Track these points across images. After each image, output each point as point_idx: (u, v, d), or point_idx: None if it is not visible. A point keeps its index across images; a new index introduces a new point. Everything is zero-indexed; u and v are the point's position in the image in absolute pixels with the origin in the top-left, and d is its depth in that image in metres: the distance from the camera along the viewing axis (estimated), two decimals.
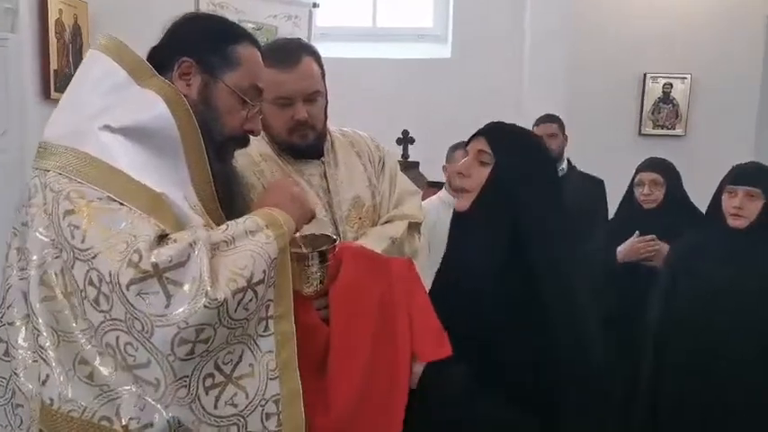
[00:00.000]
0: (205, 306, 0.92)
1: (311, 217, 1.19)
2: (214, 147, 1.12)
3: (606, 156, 3.54)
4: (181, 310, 0.91)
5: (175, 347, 0.91)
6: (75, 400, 0.96)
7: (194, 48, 1.11)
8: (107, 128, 1.01)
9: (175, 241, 0.95)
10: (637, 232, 2.32)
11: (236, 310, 0.96)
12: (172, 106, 1.05)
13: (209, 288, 0.92)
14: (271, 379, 1.01)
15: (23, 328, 1.01)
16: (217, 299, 0.93)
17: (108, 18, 3.60)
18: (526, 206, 1.20)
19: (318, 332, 1.16)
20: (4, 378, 1.04)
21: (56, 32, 3.38)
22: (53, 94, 3.33)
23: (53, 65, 3.36)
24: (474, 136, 1.30)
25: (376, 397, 1.15)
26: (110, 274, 0.91)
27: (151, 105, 1.04)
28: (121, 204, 0.96)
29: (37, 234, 0.99)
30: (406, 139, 3.51)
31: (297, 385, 1.03)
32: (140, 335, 0.92)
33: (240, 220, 1.04)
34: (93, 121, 1.02)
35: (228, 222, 1.04)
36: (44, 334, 0.98)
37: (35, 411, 0.99)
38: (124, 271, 0.91)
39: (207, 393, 0.96)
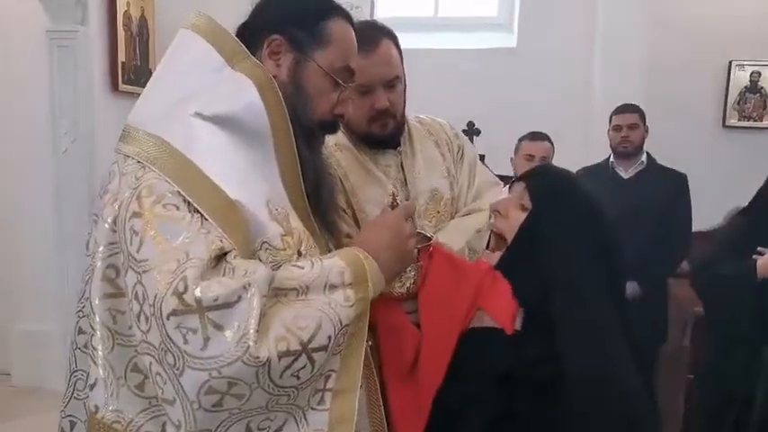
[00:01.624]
0: (243, 362, 0.81)
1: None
2: (303, 133, 1.03)
3: (688, 149, 3.35)
4: (217, 356, 0.81)
5: (201, 395, 0.82)
6: (121, 410, 0.90)
7: (284, 24, 1.04)
8: (198, 115, 0.94)
9: (233, 272, 0.84)
10: None
11: (281, 376, 0.84)
12: (263, 91, 0.97)
13: (251, 343, 0.81)
14: None
15: None
16: (258, 357, 0.82)
17: (174, 11, 3.62)
18: (556, 268, 1.05)
19: (408, 334, 1.09)
20: (84, 371, 0.99)
21: (123, 25, 3.42)
22: (121, 86, 3.38)
23: (121, 57, 3.40)
24: (518, 179, 1.19)
25: None
26: (154, 297, 0.83)
27: (243, 92, 0.97)
28: (189, 207, 0.88)
29: (105, 225, 0.93)
30: (471, 131, 3.41)
31: None
32: (171, 370, 0.83)
33: (328, 263, 0.93)
34: (183, 105, 0.96)
35: (314, 260, 0.93)
36: (98, 334, 0.92)
37: None
38: (168, 298, 0.82)
39: None
